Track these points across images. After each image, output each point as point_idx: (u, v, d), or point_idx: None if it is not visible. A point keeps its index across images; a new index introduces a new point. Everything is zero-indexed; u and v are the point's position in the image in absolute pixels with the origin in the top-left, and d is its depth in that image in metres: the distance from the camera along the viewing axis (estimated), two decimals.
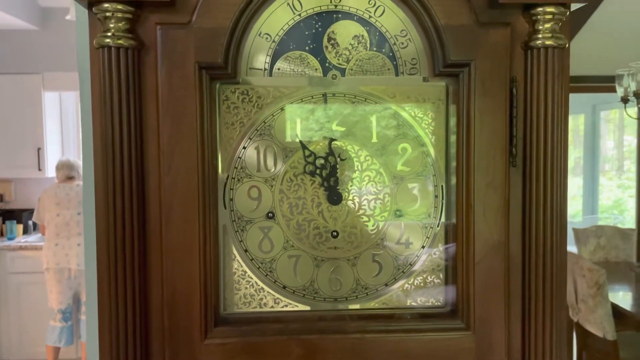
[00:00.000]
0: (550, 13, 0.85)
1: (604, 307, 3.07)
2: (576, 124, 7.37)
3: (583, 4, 0.86)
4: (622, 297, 3.46)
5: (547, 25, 0.85)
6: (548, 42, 0.85)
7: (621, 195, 6.97)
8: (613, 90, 3.75)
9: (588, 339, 3.40)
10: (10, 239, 4.62)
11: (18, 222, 4.75)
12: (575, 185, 7.35)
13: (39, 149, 4.66)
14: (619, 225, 5.23)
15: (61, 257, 3.95)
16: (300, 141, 0.92)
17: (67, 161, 4.15)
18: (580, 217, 7.09)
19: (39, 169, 4.67)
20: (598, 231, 4.34)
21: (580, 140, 7.26)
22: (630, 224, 5.55)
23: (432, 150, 0.94)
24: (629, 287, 3.74)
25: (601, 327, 3.10)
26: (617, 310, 3.12)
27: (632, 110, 3.76)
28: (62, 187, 4.04)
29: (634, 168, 5.00)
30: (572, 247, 4.31)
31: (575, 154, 7.42)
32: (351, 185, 0.93)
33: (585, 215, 7.06)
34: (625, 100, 3.67)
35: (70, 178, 4.09)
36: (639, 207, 4.87)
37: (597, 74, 4.57)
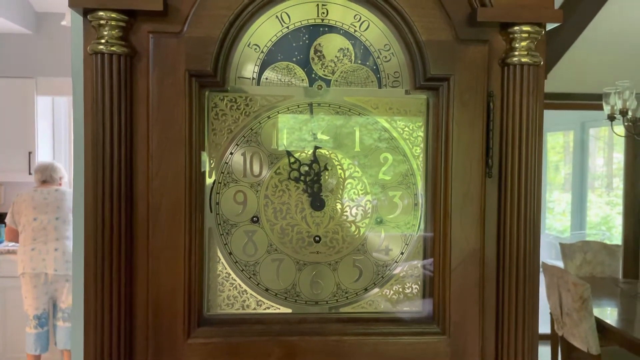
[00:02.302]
0: (526, 32, 0.89)
1: (588, 321, 3.11)
2: (567, 140, 7.45)
3: (557, 24, 0.90)
4: (607, 313, 3.50)
5: (523, 44, 0.89)
6: (524, 60, 0.89)
7: (609, 212, 7.04)
8: (601, 107, 3.82)
9: (572, 352, 3.43)
10: None
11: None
12: (564, 201, 7.41)
13: (30, 153, 4.65)
14: (606, 242, 5.28)
15: (38, 262, 3.83)
16: (287, 149, 0.95)
17: (41, 165, 4.03)
18: (568, 233, 7.15)
19: (30, 173, 4.65)
20: (584, 246, 4.39)
21: (570, 156, 7.34)
22: (618, 240, 5.61)
23: (412, 160, 0.97)
24: (614, 302, 3.77)
25: (585, 341, 3.14)
26: (601, 325, 3.15)
27: (618, 128, 3.82)
28: (40, 191, 3.92)
29: (622, 185, 5.07)
30: (558, 262, 4.35)
31: (565, 170, 7.49)
32: (334, 192, 0.97)
33: (574, 231, 7.12)
34: (611, 118, 3.73)
35: (43, 182, 3.96)
36: (626, 224, 4.93)
37: (585, 91, 4.65)
